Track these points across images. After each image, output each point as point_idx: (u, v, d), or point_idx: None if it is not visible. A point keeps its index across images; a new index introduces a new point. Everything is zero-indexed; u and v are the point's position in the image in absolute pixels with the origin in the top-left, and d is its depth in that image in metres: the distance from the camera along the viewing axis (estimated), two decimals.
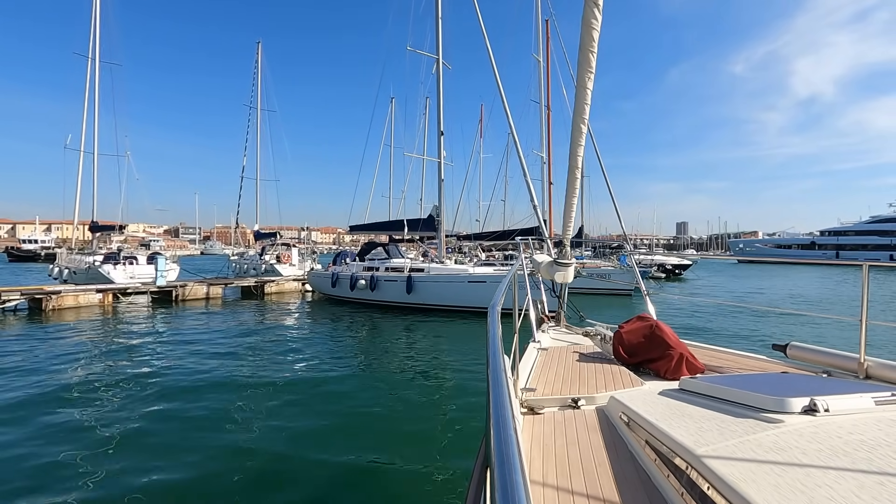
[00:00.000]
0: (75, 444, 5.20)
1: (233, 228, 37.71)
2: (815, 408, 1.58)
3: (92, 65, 26.43)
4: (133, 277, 21.49)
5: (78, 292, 16.98)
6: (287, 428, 5.74)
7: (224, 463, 4.82)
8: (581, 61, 2.92)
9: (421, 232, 20.00)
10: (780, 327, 13.76)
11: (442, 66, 18.62)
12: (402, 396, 7.20)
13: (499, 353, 1.34)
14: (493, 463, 0.77)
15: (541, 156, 25.62)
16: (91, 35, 26.37)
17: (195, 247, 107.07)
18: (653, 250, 37.91)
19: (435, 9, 18.77)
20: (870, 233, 66.75)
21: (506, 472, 0.72)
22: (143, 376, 8.02)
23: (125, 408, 6.43)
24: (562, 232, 4.15)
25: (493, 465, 0.76)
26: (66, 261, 24.88)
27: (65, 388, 7.25)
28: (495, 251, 29.55)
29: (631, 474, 1.65)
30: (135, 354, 9.80)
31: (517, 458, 0.76)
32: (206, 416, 6.15)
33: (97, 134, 26.57)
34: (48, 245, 65.06)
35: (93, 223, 27.09)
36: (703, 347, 3.48)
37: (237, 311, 16.65)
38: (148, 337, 11.71)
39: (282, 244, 29.55)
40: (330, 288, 19.65)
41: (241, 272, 27.92)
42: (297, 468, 4.71)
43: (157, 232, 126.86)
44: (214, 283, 20.93)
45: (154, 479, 4.46)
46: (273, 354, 9.92)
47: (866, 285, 2.46)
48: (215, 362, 9.03)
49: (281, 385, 7.55)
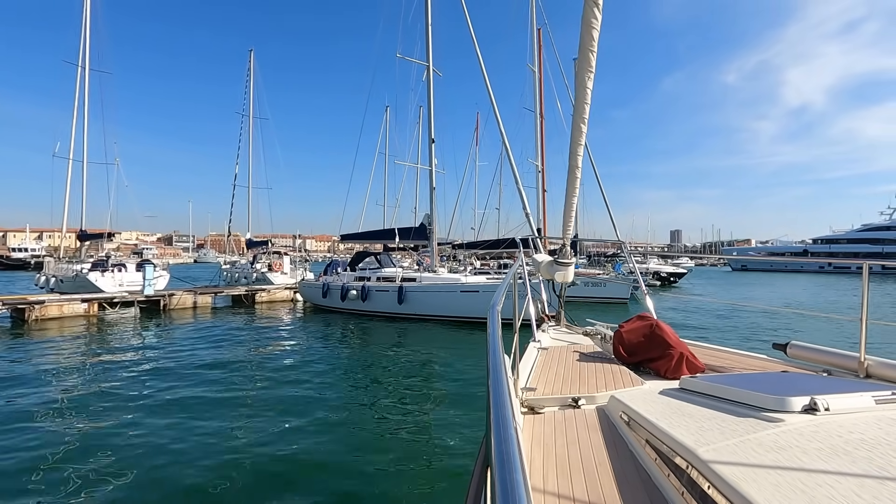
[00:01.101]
0: (37, 462, 4.92)
1: (222, 236, 37.32)
2: (816, 407, 1.58)
3: (82, 73, 26.24)
4: (121, 286, 21.15)
5: (62, 302, 16.61)
6: (274, 443, 5.49)
7: (208, 479, 4.58)
8: (581, 61, 2.91)
9: (412, 241, 19.79)
10: (779, 327, 13.63)
11: (432, 73, 18.54)
12: (393, 416, 6.94)
13: (499, 352, 1.33)
14: (493, 462, 0.77)
15: (535, 164, 25.56)
16: (81, 43, 26.17)
17: (189, 255, 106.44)
18: (647, 258, 37.92)
19: (425, 16, 18.73)
20: (862, 241, 67.35)
21: (506, 471, 0.72)
22: (118, 392, 7.72)
23: (96, 425, 6.14)
24: (562, 232, 4.13)
25: (494, 465, 0.76)
26: (54, 269, 24.47)
27: (35, 405, 6.94)
28: (489, 259, 29.40)
29: (631, 474, 1.64)
30: (115, 368, 9.49)
31: (517, 458, 0.76)
32: (183, 435, 5.85)
33: (86, 142, 26.33)
34: (38, 253, 64.28)
35: (81, 231, 26.74)
36: (704, 347, 3.45)
37: (226, 322, 16.32)
38: (129, 350, 11.38)
39: (274, 252, 29.23)
40: (321, 298, 19.37)
41: (233, 281, 27.56)
42: (288, 485, 4.46)
43: (151, 240, 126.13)
44: (204, 291, 20.59)
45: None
46: (258, 370, 9.62)
47: (866, 284, 2.47)
48: (197, 376, 8.73)
49: (266, 404, 7.26)
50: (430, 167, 19.06)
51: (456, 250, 26.17)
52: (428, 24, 18.73)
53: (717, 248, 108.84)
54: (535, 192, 25.35)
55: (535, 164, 25.35)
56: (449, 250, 26.24)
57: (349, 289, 17.83)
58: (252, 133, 31.82)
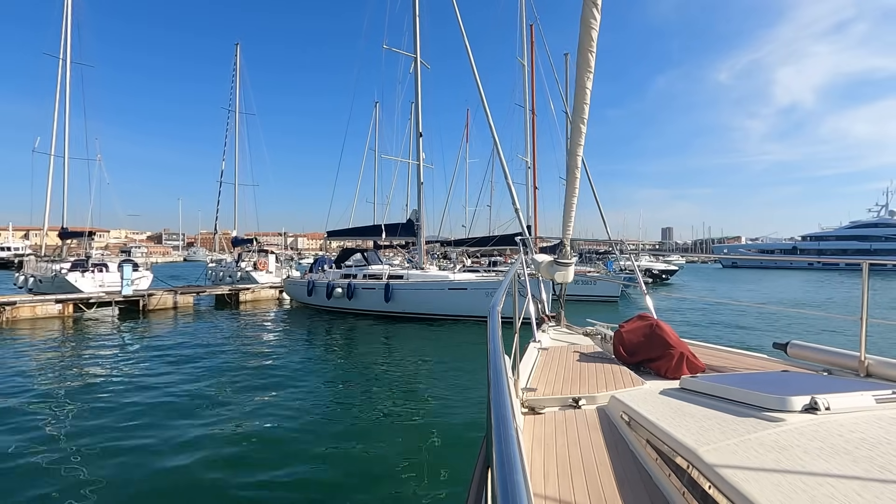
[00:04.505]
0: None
1: (212, 234, 36.65)
2: (816, 406, 1.57)
3: (63, 66, 25.44)
4: (102, 286, 20.52)
5: (35, 303, 16.03)
6: (248, 456, 5.11)
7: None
8: (580, 61, 2.90)
9: (400, 237, 19.40)
10: (776, 325, 13.44)
11: (420, 65, 18.13)
12: (383, 421, 6.59)
13: (499, 352, 1.32)
14: (493, 463, 0.77)
15: (525, 160, 25.25)
16: (62, 35, 25.39)
17: (179, 253, 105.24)
18: (639, 256, 37.92)
19: (413, 6, 18.30)
20: (850, 238, 68.00)
21: (507, 471, 0.72)
22: (84, 399, 7.30)
23: (60, 434, 5.73)
24: (562, 232, 4.12)
25: (494, 465, 0.76)
26: (33, 269, 23.81)
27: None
28: (480, 257, 29.08)
29: (632, 474, 1.64)
30: (83, 373, 9.05)
31: (518, 458, 0.75)
32: (157, 443, 5.44)
33: (68, 137, 25.58)
34: (23, 252, 62.97)
35: (62, 229, 26.03)
36: (704, 346, 3.44)
37: (208, 322, 15.86)
38: (102, 355, 10.92)
39: (259, 250, 28.67)
40: (306, 296, 18.95)
41: (217, 280, 26.99)
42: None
43: (140, 238, 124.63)
44: (185, 291, 20.07)
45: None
46: (239, 374, 9.20)
47: (866, 283, 2.46)
48: (170, 381, 8.30)
49: (244, 412, 6.87)
50: (419, 161, 18.67)
51: (445, 248, 25.82)
52: (416, 14, 18.30)
53: (708, 246, 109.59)
54: (524, 188, 25.06)
55: (526, 160, 25.03)
56: (439, 248, 25.90)
57: (335, 286, 17.42)
58: (238, 128, 31.16)
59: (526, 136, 25.00)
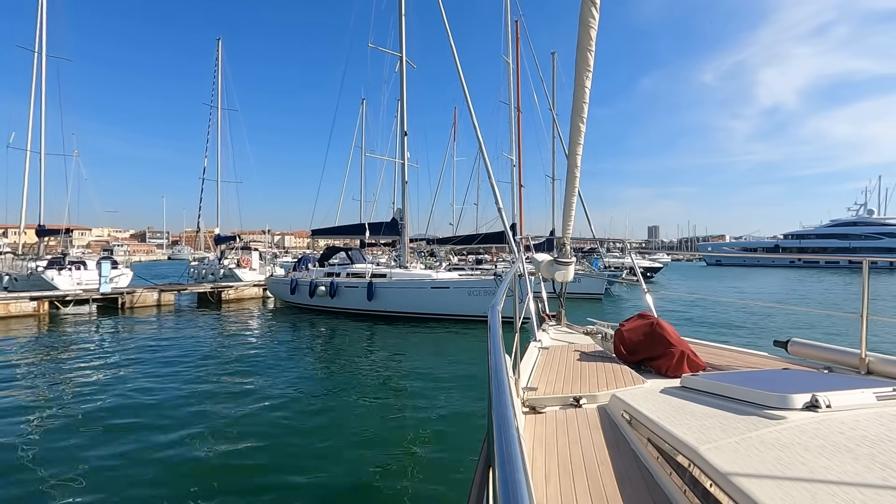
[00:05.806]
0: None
1: (195, 232, 36.11)
2: (817, 404, 1.57)
3: (38, 59, 24.87)
4: (80, 284, 20.10)
5: (9, 300, 15.67)
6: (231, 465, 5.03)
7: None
8: (579, 60, 2.90)
9: (384, 236, 19.31)
10: (768, 322, 13.65)
11: (405, 64, 18.04)
12: (359, 425, 6.54)
13: (500, 352, 1.32)
14: (495, 462, 0.77)
15: (510, 158, 25.26)
16: (38, 27, 24.80)
17: (163, 251, 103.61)
18: (625, 253, 38.26)
19: (398, 5, 18.19)
20: (830, 236, 69.28)
21: (508, 471, 0.72)
22: (56, 402, 7.14)
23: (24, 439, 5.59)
24: (562, 232, 4.13)
25: (496, 465, 0.76)
26: (10, 267, 23.27)
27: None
28: (466, 255, 29.09)
29: (633, 472, 1.64)
30: (56, 374, 8.86)
31: (519, 457, 0.75)
32: (132, 452, 5.27)
33: (44, 132, 25.00)
34: (3, 250, 61.45)
35: (39, 226, 25.46)
36: (705, 345, 3.44)
37: (189, 321, 15.63)
38: (76, 354, 10.70)
39: (242, 248, 28.32)
40: (289, 295, 18.78)
41: (200, 278, 26.62)
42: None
43: (123, 236, 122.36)
44: (167, 289, 19.75)
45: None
46: (218, 374, 9.08)
47: (866, 281, 2.45)
48: (148, 384, 8.15)
49: (226, 417, 6.77)
50: (403, 160, 18.58)
51: (432, 246, 25.77)
52: (401, 13, 18.20)
53: (693, 244, 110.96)
54: (509, 187, 25.07)
55: (511, 158, 25.04)
56: (425, 246, 25.84)
57: (318, 285, 17.30)
58: (221, 125, 30.73)
59: (511, 135, 24.99)
